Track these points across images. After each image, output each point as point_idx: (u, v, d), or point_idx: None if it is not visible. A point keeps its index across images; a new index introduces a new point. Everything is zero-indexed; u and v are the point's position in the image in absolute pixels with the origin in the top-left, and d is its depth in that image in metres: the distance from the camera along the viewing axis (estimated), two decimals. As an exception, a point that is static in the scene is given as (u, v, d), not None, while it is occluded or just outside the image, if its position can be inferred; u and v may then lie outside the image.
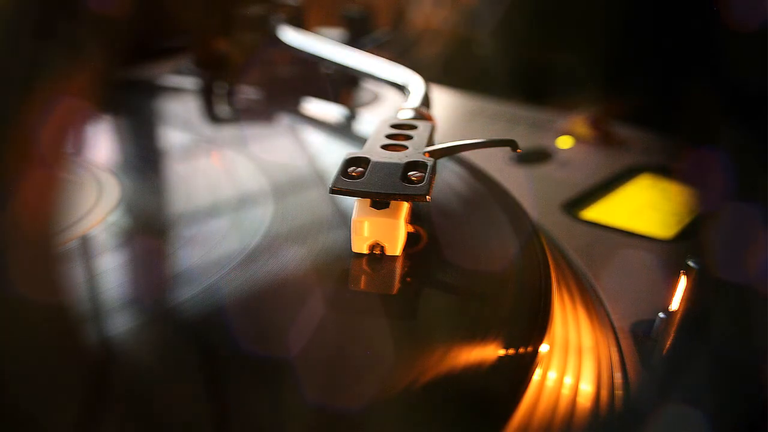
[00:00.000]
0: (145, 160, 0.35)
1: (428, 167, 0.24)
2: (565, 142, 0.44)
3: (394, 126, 0.29)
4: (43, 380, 0.18)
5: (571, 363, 0.22)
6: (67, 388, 0.18)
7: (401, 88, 0.37)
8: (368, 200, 0.24)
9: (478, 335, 0.21)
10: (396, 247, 0.24)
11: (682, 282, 0.22)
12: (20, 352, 0.18)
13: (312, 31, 0.50)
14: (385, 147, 0.26)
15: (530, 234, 0.27)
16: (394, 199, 0.23)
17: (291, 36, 0.46)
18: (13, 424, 0.16)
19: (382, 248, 0.24)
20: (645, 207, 0.36)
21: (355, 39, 0.53)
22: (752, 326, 0.18)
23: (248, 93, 0.46)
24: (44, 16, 0.19)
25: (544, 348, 0.21)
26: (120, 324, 0.21)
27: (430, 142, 0.28)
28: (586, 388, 0.21)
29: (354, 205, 0.24)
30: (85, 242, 0.26)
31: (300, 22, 0.50)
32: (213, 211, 0.29)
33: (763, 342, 0.17)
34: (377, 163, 0.25)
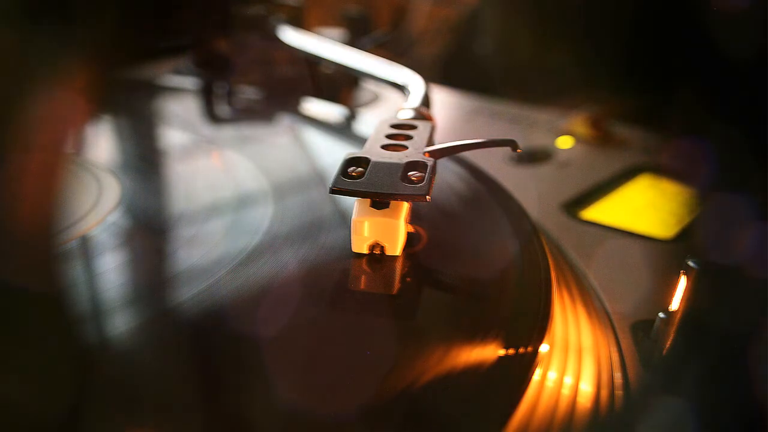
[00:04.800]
0: (145, 160, 0.35)
1: (428, 167, 0.24)
2: (565, 142, 0.44)
3: (394, 126, 0.29)
4: (44, 380, 0.18)
5: (571, 363, 0.22)
6: (68, 388, 0.18)
7: (401, 88, 0.37)
8: (368, 200, 0.24)
9: (478, 335, 0.21)
10: (396, 247, 0.24)
11: (682, 282, 0.22)
12: (21, 352, 0.18)
13: (312, 31, 0.50)
14: (385, 147, 0.26)
15: (530, 234, 0.27)
16: (394, 199, 0.23)
17: (291, 36, 0.46)
18: (14, 423, 0.16)
19: (382, 248, 0.24)
20: (645, 207, 0.36)
21: (355, 39, 0.53)
22: (750, 325, 0.18)
23: (248, 93, 0.46)
24: (45, 17, 0.19)
25: (544, 348, 0.21)
26: (120, 324, 0.21)
27: (430, 142, 0.28)
28: (586, 388, 0.21)
29: (354, 205, 0.24)
30: (85, 242, 0.26)
31: (300, 22, 0.50)
32: (213, 211, 0.29)
33: (762, 342, 0.17)
34: (377, 163, 0.25)
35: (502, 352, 0.20)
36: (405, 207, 0.24)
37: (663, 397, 0.18)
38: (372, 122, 0.38)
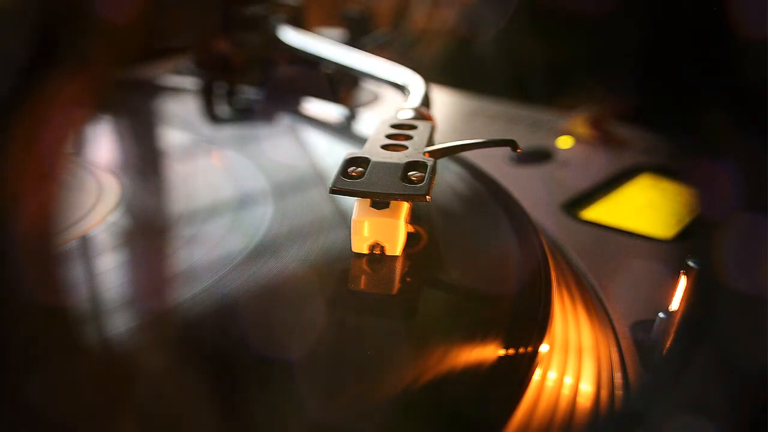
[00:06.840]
0: (145, 160, 0.35)
1: (428, 167, 0.24)
2: (565, 142, 0.44)
3: (394, 126, 0.29)
4: (43, 380, 0.18)
5: (571, 363, 0.22)
6: (68, 389, 0.18)
7: (401, 88, 0.37)
8: (368, 200, 0.24)
9: (478, 335, 0.21)
10: (396, 247, 0.24)
11: (682, 282, 0.22)
12: (20, 353, 0.18)
13: (312, 31, 0.50)
14: (385, 147, 0.26)
15: (530, 234, 0.27)
16: (394, 199, 0.23)
17: (291, 36, 0.46)
18: (14, 424, 0.16)
19: (382, 248, 0.24)
20: (645, 207, 0.36)
21: (355, 39, 0.53)
22: (752, 326, 0.18)
23: (248, 93, 0.46)
24: (44, 17, 0.19)
25: (544, 348, 0.21)
26: (120, 324, 0.21)
27: (430, 142, 0.28)
28: (586, 388, 0.21)
29: (354, 205, 0.24)
30: (85, 242, 0.26)
31: (300, 22, 0.50)
32: (213, 211, 0.29)
33: (763, 342, 0.17)
34: (377, 163, 0.25)
35: (502, 352, 0.20)
36: (405, 207, 0.24)
37: (663, 397, 0.18)
38: (372, 122, 0.38)
